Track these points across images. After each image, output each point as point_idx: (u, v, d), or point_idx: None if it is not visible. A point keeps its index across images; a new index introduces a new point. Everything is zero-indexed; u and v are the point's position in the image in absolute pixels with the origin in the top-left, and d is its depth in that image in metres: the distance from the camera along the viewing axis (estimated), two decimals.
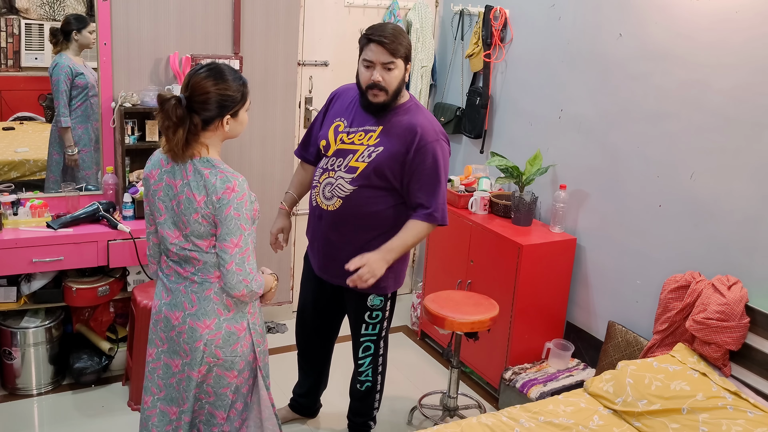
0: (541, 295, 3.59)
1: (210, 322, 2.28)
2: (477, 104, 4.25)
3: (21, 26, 3.69)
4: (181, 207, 2.22)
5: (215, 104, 2.17)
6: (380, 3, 4.38)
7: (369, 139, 2.71)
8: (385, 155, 2.69)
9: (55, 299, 3.52)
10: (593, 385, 2.88)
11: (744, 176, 2.89)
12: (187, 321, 2.29)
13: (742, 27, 2.86)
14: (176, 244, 2.27)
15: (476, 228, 3.75)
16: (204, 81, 2.16)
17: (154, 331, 2.40)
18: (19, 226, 3.39)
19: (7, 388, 3.54)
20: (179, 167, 2.22)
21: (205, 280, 2.28)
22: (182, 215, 2.22)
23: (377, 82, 2.61)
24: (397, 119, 2.71)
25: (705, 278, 2.97)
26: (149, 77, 3.76)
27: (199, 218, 2.20)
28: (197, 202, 2.19)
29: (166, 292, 2.35)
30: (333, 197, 2.76)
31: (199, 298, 2.28)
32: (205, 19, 3.83)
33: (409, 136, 2.68)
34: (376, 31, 2.62)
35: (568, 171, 3.74)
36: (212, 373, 2.32)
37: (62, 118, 3.65)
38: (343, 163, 2.73)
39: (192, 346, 2.29)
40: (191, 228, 2.22)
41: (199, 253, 2.25)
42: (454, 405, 3.41)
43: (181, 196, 2.21)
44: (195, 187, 2.19)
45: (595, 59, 3.54)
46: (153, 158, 2.33)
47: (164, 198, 2.26)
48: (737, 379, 2.82)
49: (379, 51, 2.59)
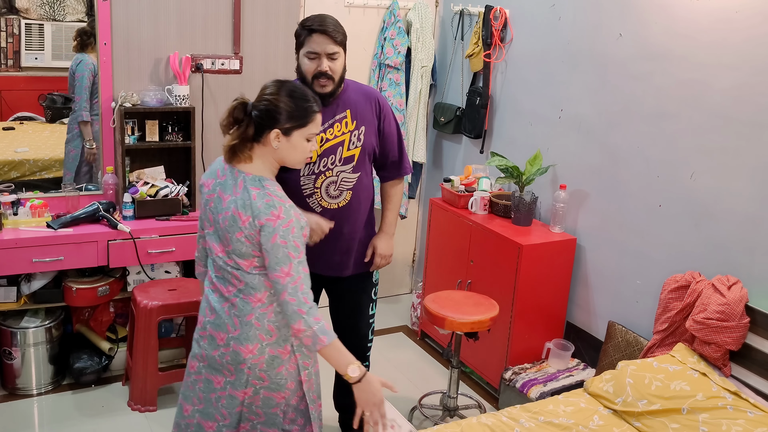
0: (541, 295, 3.59)
1: (253, 347, 2.20)
2: (477, 104, 4.25)
3: (21, 26, 3.69)
4: (226, 223, 2.16)
5: (265, 110, 2.14)
6: (380, 3, 4.38)
7: (346, 125, 2.74)
8: (368, 132, 2.78)
9: (55, 299, 3.52)
10: (593, 385, 2.88)
11: (744, 176, 2.89)
12: (231, 344, 2.22)
13: (742, 27, 2.86)
14: (221, 258, 2.22)
15: (476, 228, 3.75)
16: (266, 88, 2.18)
17: (197, 345, 2.33)
18: (19, 226, 3.39)
19: (7, 388, 3.54)
20: (231, 181, 2.17)
21: (246, 303, 2.20)
22: (226, 231, 2.17)
23: (324, 71, 2.61)
24: (351, 96, 2.77)
25: (705, 278, 2.97)
26: (149, 77, 3.76)
27: (242, 238, 2.14)
28: (242, 221, 2.12)
29: (210, 310, 2.28)
30: (342, 192, 2.77)
31: (242, 323, 2.20)
32: (205, 19, 3.83)
33: (371, 105, 2.80)
34: (316, 22, 2.62)
35: (568, 171, 3.74)
36: (259, 395, 2.26)
37: (84, 112, 3.72)
38: (336, 158, 2.73)
39: (237, 367, 2.22)
40: (233, 246, 2.16)
41: (241, 272, 2.19)
42: (454, 405, 3.41)
43: (227, 212, 2.16)
44: (241, 206, 2.13)
45: (595, 59, 3.54)
46: (212, 166, 2.30)
47: (214, 210, 2.22)
48: (737, 379, 2.82)
49: (324, 41, 2.60)
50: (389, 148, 2.89)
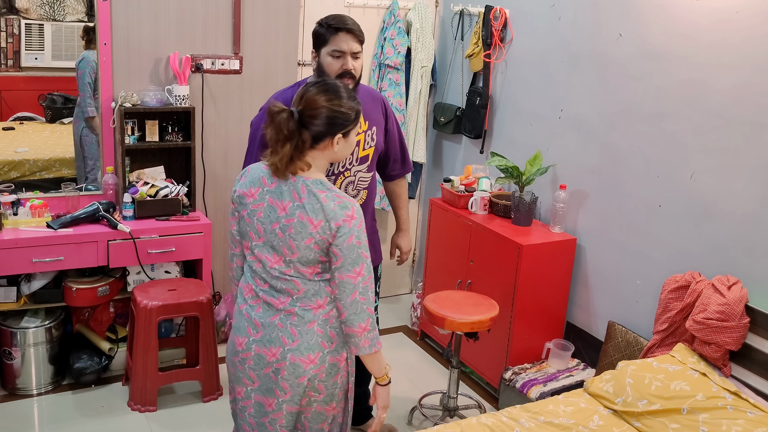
0: (541, 295, 3.59)
1: (314, 357, 2.14)
2: (477, 104, 4.25)
3: (21, 26, 3.70)
4: (290, 231, 2.07)
5: (327, 120, 2.06)
6: (380, 3, 4.38)
7: (360, 126, 2.73)
8: (378, 132, 2.82)
9: (55, 299, 3.52)
10: (593, 385, 2.88)
11: (744, 176, 2.89)
12: (287, 357, 2.13)
13: (742, 27, 2.86)
14: (276, 269, 2.13)
15: (476, 228, 3.75)
16: (318, 96, 2.06)
17: (241, 369, 2.21)
18: (19, 226, 3.39)
19: (7, 388, 3.54)
20: (287, 188, 2.09)
21: (306, 310, 2.13)
22: (290, 239, 2.08)
23: (350, 69, 2.62)
24: (361, 97, 2.75)
25: (705, 278, 2.97)
26: (149, 77, 3.77)
27: (311, 244, 2.07)
28: (312, 227, 2.05)
29: (254, 327, 2.17)
30: (359, 192, 2.81)
31: (301, 332, 2.13)
32: (205, 19, 3.83)
33: (378, 105, 2.85)
34: (341, 21, 2.63)
35: (568, 171, 3.74)
36: (311, 407, 2.21)
37: (88, 108, 3.75)
38: (353, 158, 2.75)
39: (294, 382, 2.15)
40: (300, 254, 2.08)
41: (302, 280, 2.12)
42: (454, 405, 3.41)
43: (291, 219, 2.07)
44: (311, 211, 2.05)
45: (595, 59, 3.54)
46: (251, 175, 2.17)
47: (264, 220, 2.12)
48: (737, 379, 2.82)
49: (350, 39, 2.61)
50: (394, 148, 2.95)
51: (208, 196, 4.03)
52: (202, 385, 3.57)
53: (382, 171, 3.00)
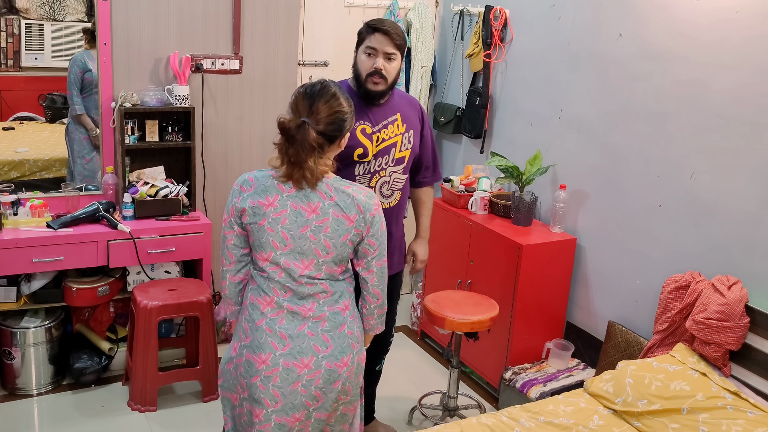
0: (541, 295, 3.59)
1: (347, 359, 2.14)
2: (477, 104, 4.25)
3: (21, 26, 3.70)
4: (326, 231, 2.07)
5: (337, 123, 2.08)
6: (380, 3, 4.38)
7: (398, 128, 2.81)
8: (415, 136, 2.87)
9: (55, 299, 3.52)
10: (593, 385, 2.88)
11: (744, 176, 2.89)
12: (322, 365, 2.10)
13: (742, 27, 2.86)
14: (306, 276, 2.10)
15: (476, 228, 3.75)
16: (331, 102, 2.06)
17: (263, 389, 2.12)
18: (19, 226, 3.39)
19: (7, 388, 3.54)
20: (312, 190, 2.08)
21: (336, 314, 2.12)
22: (325, 239, 2.08)
23: (379, 69, 2.67)
24: (399, 101, 2.86)
25: (705, 278, 2.97)
26: (149, 77, 3.76)
27: (347, 240, 2.09)
28: (349, 222, 2.08)
29: (280, 341, 2.10)
30: (393, 193, 2.85)
31: (333, 337, 2.11)
32: (205, 19, 3.83)
33: (416, 111, 2.91)
34: (380, 23, 2.69)
35: (568, 171, 3.74)
36: (338, 411, 2.22)
37: (76, 106, 3.78)
38: (390, 159, 2.79)
39: (328, 388, 2.13)
40: (336, 252, 2.09)
41: (331, 282, 2.12)
42: (454, 405, 3.41)
43: (326, 218, 2.07)
44: (345, 207, 2.08)
45: (595, 59, 3.54)
46: (258, 184, 2.11)
47: (290, 226, 2.08)
48: (737, 379, 2.82)
49: (384, 40, 2.66)
50: (426, 154, 2.99)
51: (208, 196, 4.03)
52: (202, 385, 3.57)
53: (412, 178, 3.02)
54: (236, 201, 2.12)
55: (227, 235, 2.17)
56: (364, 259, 2.17)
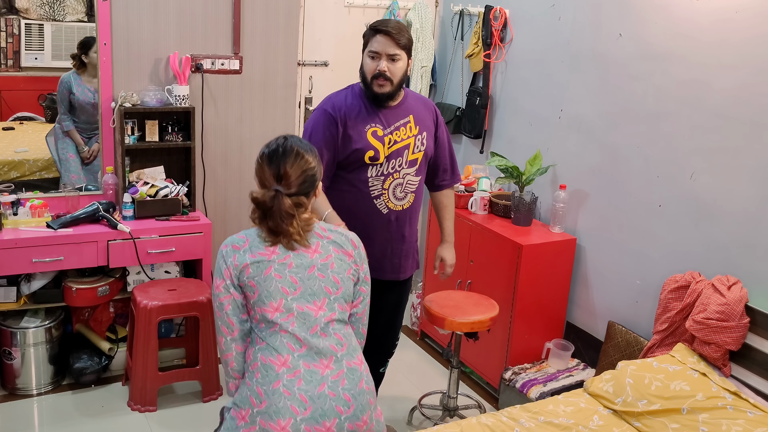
0: (541, 295, 3.59)
1: (366, 416, 2.02)
2: (477, 104, 4.25)
3: (21, 26, 3.69)
4: (332, 267, 2.05)
5: (309, 181, 2.03)
6: (380, 3, 4.38)
7: (410, 130, 2.79)
8: (429, 137, 2.85)
9: (55, 299, 3.52)
10: (593, 385, 2.88)
11: (744, 176, 2.89)
12: (344, 426, 1.97)
13: (742, 27, 2.86)
14: (321, 318, 2.01)
15: (476, 228, 3.75)
16: (298, 162, 2.00)
17: None
18: (19, 226, 3.39)
19: (7, 388, 3.54)
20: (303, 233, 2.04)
21: (353, 369, 2.02)
22: (333, 275, 2.05)
23: (383, 71, 2.65)
24: (412, 103, 2.85)
25: (705, 278, 2.97)
26: (149, 77, 3.76)
27: (350, 275, 2.09)
28: (348, 257, 2.10)
29: (300, 404, 1.93)
30: (406, 195, 2.84)
31: (354, 395, 1.99)
32: (205, 19, 3.83)
33: (430, 113, 2.89)
34: (382, 24, 2.68)
35: (568, 171, 3.74)
36: None
37: (63, 123, 3.81)
38: (403, 161, 2.78)
39: None
40: (344, 288, 2.07)
41: (342, 329, 2.05)
42: (454, 405, 3.41)
43: (328, 255, 2.06)
44: (342, 243, 2.10)
45: (595, 59, 3.54)
46: (252, 240, 2.03)
47: (297, 269, 2.02)
48: (737, 379, 2.82)
49: (385, 42, 2.64)
50: (443, 156, 2.97)
51: (208, 196, 4.03)
52: (202, 385, 3.57)
53: (431, 182, 3.01)
54: (232, 260, 2.01)
55: (224, 301, 2.02)
56: (355, 308, 2.17)
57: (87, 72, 3.76)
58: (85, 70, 3.76)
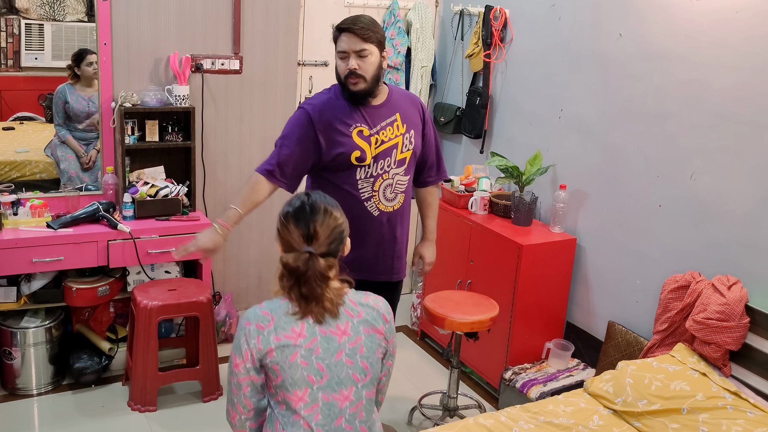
0: (541, 295, 3.59)
1: None
2: (477, 104, 4.25)
3: (21, 26, 3.69)
4: (361, 352, 1.88)
5: (338, 239, 1.90)
6: (380, 3, 4.38)
7: (398, 129, 2.73)
8: (416, 135, 2.79)
9: (55, 299, 3.52)
10: (593, 385, 2.88)
11: (744, 176, 2.89)
12: None
13: (742, 27, 2.86)
14: (346, 409, 1.87)
15: (476, 228, 3.75)
16: (327, 221, 1.87)
17: None
18: (19, 226, 3.39)
19: (7, 388, 3.54)
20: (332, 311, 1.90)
21: None
22: (362, 360, 1.89)
23: (353, 69, 2.58)
24: (398, 100, 2.78)
25: (705, 278, 2.97)
26: (149, 77, 3.76)
27: (380, 353, 1.93)
28: (379, 335, 1.92)
29: None
30: (396, 195, 2.77)
31: None
32: (205, 19, 3.83)
33: (416, 109, 2.82)
34: (346, 22, 2.63)
35: (568, 171, 3.74)
36: None
37: (60, 133, 3.84)
38: (391, 161, 2.72)
39: None
40: (373, 373, 1.91)
41: (368, 413, 1.91)
42: (454, 405, 3.41)
43: (358, 338, 1.88)
44: (374, 320, 1.91)
45: (595, 59, 3.54)
46: (281, 317, 1.86)
47: (324, 355, 1.85)
48: (737, 379, 2.82)
49: (351, 40, 2.59)
50: (430, 153, 2.91)
51: (208, 196, 4.03)
52: (202, 385, 3.57)
53: (416, 178, 2.93)
54: (255, 342, 1.84)
55: (242, 382, 1.87)
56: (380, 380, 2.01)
57: (80, 82, 3.79)
58: (79, 81, 3.79)
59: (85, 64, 3.74)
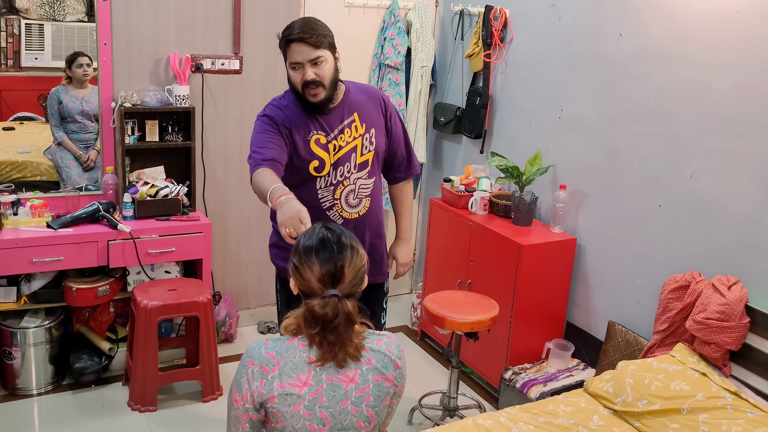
0: (541, 295, 3.59)
1: None
2: (477, 104, 4.25)
3: (21, 26, 3.70)
4: (368, 401, 1.77)
5: (363, 275, 1.79)
6: (380, 3, 4.38)
7: (356, 130, 2.58)
8: (378, 134, 2.64)
9: (55, 299, 3.52)
10: (593, 385, 2.88)
11: (744, 176, 2.89)
12: None
13: (742, 27, 2.86)
14: None
15: (476, 228, 3.75)
16: (354, 261, 1.74)
17: None
18: (19, 226, 3.39)
19: (7, 388, 3.54)
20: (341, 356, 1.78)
21: None
22: (368, 410, 1.78)
23: (311, 79, 2.43)
24: (355, 97, 2.61)
25: (705, 278, 2.97)
26: (149, 77, 3.77)
27: (388, 401, 1.82)
28: (389, 383, 1.80)
29: None
30: (361, 200, 2.64)
31: None
32: (205, 19, 3.83)
33: (376, 104, 2.65)
34: (293, 30, 2.43)
35: (568, 171, 3.74)
36: None
37: (56, 135, 3.85)
38: (351, 166, 2.58)
39: None
40: (378, 419, 1.81)
41: None
42: (454, 405, 3.41)
43: (366, 386, 1.77)
44: (384, 368, 1.79)
45: (595, 59, 3.54)
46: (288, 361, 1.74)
47: (329, 404, 1.75)
48: (737, 379, 2.82)
49: (301, 49, 2.42)
50: (397, 148, 2.74)
51: (208, 196, 4.04)
52: (202, 385, 3.57)
53: (385, 174, 2.81)
54: (258, 385, 1.73)
55: (241, 418, 1.78)
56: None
57: (73, 84, 3.81)
58: (71, 82, 3.81)
59: (75, 66, 3.77)
